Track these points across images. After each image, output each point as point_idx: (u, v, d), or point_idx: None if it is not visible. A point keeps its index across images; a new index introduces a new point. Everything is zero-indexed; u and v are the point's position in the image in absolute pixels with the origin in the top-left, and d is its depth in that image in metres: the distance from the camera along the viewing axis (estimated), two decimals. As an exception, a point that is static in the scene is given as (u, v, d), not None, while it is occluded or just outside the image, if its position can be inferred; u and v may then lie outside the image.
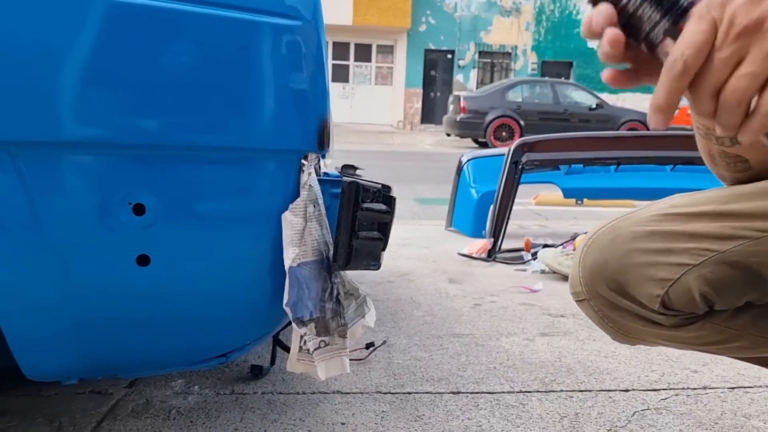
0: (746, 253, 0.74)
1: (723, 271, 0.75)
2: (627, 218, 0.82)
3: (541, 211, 5.06)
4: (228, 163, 0.93)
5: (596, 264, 0.83)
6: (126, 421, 1.23)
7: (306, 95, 0.95)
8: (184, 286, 0.97)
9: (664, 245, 0.77)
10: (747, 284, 0.76)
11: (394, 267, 2.68)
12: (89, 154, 0.88)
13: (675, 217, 0.78)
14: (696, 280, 0.75)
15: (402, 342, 1.74)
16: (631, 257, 0.78)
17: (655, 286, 0.76)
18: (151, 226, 0.90)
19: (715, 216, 0.76)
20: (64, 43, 0.82)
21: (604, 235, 0.82)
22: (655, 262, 0.77)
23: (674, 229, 0.77)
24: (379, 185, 1.01)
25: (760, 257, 0.74)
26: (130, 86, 0.86)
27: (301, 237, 0.96)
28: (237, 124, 0.91)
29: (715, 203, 0.77)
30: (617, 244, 0.80)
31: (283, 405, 1.33)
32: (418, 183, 6.90)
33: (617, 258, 0.79)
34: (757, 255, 0.74)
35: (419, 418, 1.28)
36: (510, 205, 3.03)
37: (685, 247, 0.76)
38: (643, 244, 0.78)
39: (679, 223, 0.78)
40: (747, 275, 0.76)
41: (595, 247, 0.83)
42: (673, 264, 0.76)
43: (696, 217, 0.77)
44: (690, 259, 0.75)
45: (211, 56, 0.89)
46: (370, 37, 19.68)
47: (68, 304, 0.93)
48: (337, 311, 1.02)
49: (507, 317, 2.03)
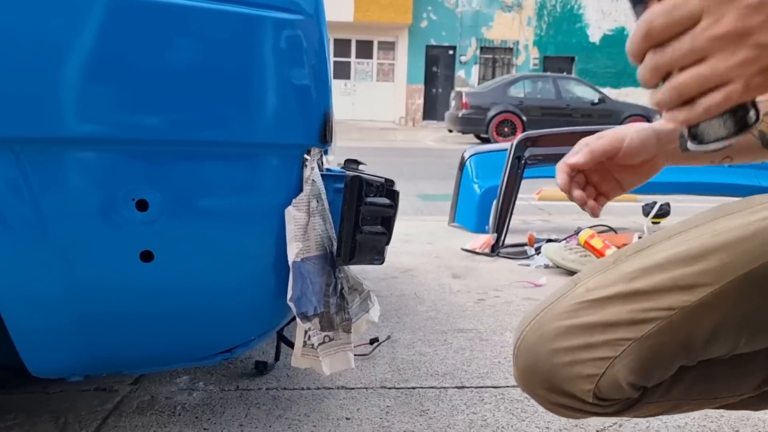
0: (661, 333, 0.75)
1: (644, 354, 0.76)
2: (550, 310, 0.83)
3: (544, 206, 5.05)
4: (230, 158, 0.93)
5: (528, 366, 0.85)
6: (131, 418, 1.23)
7: (308, 89, 0.95)
8: (188, 282, 0.97)
9: (584, 340, 0.78)
10: (672, 357, 0.77)
11: (397, 263, 2.68)
12: (92, 150, 0.88)
13: (589, 306, 0.79)
14: (621, 371, 0.76)
15: (406, 337, 1.74)
16: (557, 357, 0.80)
17: (585, 382, 0.78)
18: (154, 222, 0.90)
19: (624, 298, 0.77)
20: (66, 39, 0.82)
21: (531, 333, 0.84)
22: (580, 360, 0.78)
23: (590, 320, 0.78)
24: (383, 179, 1.01)
25: (676, 333, 0.75)
26: (132, 82, 0.85)
27: (305, 232, 0.96)
28: (239, 119, 0.91)
29: (623, 282, 0.78)
30: (543, 343, 0.81)
31: (287, 400, 1.33)
32: (420, 179, 6.90)
33: (545, 359, 0.81)
34: (673, 332, 0.75)
35: (424, 413, 1.28)
36: (513, 200, 3.03)
37: (603, 339, 0.77)
38: (565, 342, 0.79)
39: (593, 312, 0.78)
40: (669, 350, 0.76)
41: (524, 348, 0.84)
42: (595, 359, 0.77)
43: (607, 302, 0.78)
44: (610, 352, 0.76)
45: (214, 51, 0.89)
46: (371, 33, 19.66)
47: (72, 301, 0.93)
48: (342, 306, 1.02)
49: (511, 312, 2.03)
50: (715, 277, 0.74)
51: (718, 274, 0.73)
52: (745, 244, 0.73)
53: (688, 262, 0.75)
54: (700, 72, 0.51)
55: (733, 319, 0.75)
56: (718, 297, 0.74)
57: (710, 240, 0.76)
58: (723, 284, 0.73)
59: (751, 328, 0.77)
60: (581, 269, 0.91)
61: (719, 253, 0.74)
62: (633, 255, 0.82)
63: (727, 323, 0.75)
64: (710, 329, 0.75)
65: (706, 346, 0.77)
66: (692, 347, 0.76)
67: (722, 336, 0.76)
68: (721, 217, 0.79)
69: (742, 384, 0.86)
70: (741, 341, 0.77)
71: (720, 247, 0.74)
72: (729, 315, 0.75)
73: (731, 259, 0.73)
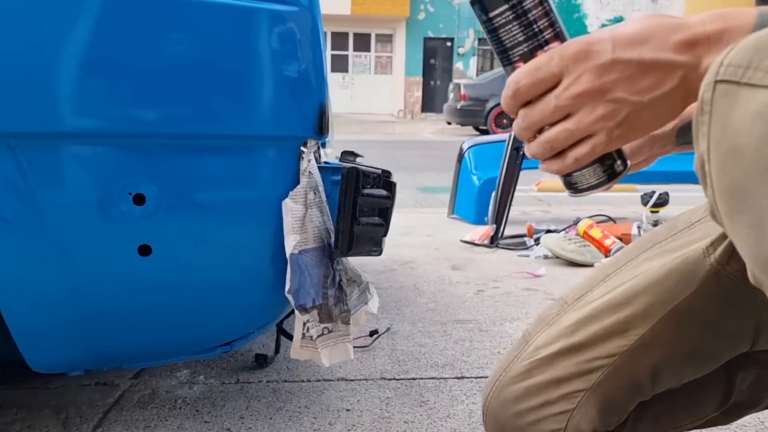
0: (609, 378, 0.81)
1: (599, 401, 0.81)
2: (506, 374, 0.88)
3: (543, 197, 5.06)
4: (227, 150, 0.93)
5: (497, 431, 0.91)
6: (132, 412, 1.24)
7: (304, 81, 0.95)
8: (186, 276, 0.97)
9: (542, 399, 0.83)
10: (625, 398, 0.82)
11: (396, 255, 2.68)
12: (88, 144, 0.88)
13: (540, 364, 0.84)
14: (582, 420, 0.81)
15: (406, 329, 1.75)
16: (522, 419, 0.85)
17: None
18: (151, 216, 0.90)
19: (569, 352, 0.83)
20: (61, 33, 0.82)
21: (493, 400, 0.89)
22: (542, 417, 0.83)
23: (544, 379, 0.84)
24: (379, 171, 1.01)
25: (623, 376, 0.80)
26: (128, 76, 0.85)
27: (302, 224, 0.96)
28: (235, 111, 0.91)
29: (565, 337, 0.83)
30: (506, 408, 0.87)
31: (288, 393, 1.33)
32: (419, 171, 6.90)
33: (511, 423, 0.86)
34: (620, 375, 0.80)
35: (424, 404, 1.29)
36: (512, 191, 3.03)
37: (558, 395, 0.82)
38: (525, 404, 0.84)
39: (544, 370, 0.84)
40: (623, 392, 0.82)
41: (490, 416, 0.90)
42: (556, 414, 0.82)
43: (555, 359, 0.83)
44: (568, 405, 0.81)
45: (208, 44, 0.88)
46: (368, 26, 19.60)
47: (71, 296, 0.93)
48: (340, 298, 1.02)
49: (510, 302, 2.03)
50: (643, 319, 0.80)
51: (645, 316, 0.80)
52: (663, 284, 0.79)
53: (617, 309, 0.81)
54: (566, 127, 0.57)
55: (672, 353, 0.81)
56: (651, 336, 0.79)
57: (632, 285, 0.82)
58: (653, 324, 0.79)
59: (692, 357, 0.82)
60: (580, 259, 0.94)
61: (643, 297, 0.80)
62: (572, 304, 0.88)
63: (667, 358, 0.81)
64: (652, 367, 0.81)
65: (655, 382, 0.82)
66: (641, 386, 0.82)
67: (666, 370, 0.82)
68: (646, 251, 0.86)
69: (703, 407, 0.92)
70: (686, 371, 0.83)
71: (642, 290, 0.80)
72: (666, 350, 0.80)
73: (654, 300, 0.79)
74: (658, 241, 0.87)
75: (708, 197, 0.53)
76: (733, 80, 0.48)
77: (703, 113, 0.51)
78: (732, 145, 0.48)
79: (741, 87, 0.48)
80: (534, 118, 0.59)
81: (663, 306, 0.79)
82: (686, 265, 0.79)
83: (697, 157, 0.53)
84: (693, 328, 0.80)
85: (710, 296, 0.78)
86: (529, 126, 0.59)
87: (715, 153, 0.50)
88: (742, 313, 0.79)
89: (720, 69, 0.50)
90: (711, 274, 0.78)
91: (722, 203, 0.50)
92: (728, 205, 0.49)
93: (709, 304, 0.79)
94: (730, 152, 0.48)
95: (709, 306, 0.79)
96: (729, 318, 0.80)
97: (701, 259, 0.79)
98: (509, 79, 0.59)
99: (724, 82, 0.49)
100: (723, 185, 0.49)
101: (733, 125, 0.48)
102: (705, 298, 0.78)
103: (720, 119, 0.49)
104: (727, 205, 0.49)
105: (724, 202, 0.49)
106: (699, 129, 0.52)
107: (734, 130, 0.48)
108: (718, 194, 0.50)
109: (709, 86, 0.51)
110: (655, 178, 3.33)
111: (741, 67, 0.48)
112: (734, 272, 0.77)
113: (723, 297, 0.78)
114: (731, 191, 0.48)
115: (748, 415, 0.98)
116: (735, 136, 0.47)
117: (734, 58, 0.49)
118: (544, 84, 0.57)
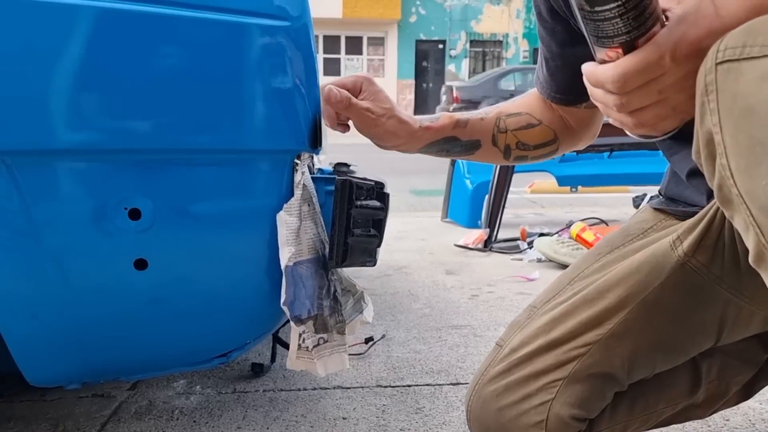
0: (585, 366, 0.85)
1: (577, 389, 0.85)
2: (484, 376, 0.93)
3: (536, 200, 5.08)
4: (221, 165, 0.94)
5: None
6: (129, 423, 1.24)
7: (297, 95, 0.96)
8: (183, 288, 0.98)
9: (522, 393, 0.87)
10: (601, 386, 0.87)
11: (391, 260, 2.69)
12: (83, 161, 0.88)
13: (519, 362, 0.89)
14: (562, 409, 0.85)
15: (401, 335, 1.76)
16: (504, 415, 0.89)
17: (535, 429, 0.86)
18: (147, 230, 0.91)
19: (547, 348, 0.87)
20: (54, 52, 0.83)
21: (475, 402, 0.93)
22: (524, 410, 0.87)
23: (523, 374, 0.88)
24: (373, 182, 1.02)
25: (598, 364, 0.85)
26: (121, 93, 0.86)
27: (297, 236, 0.97)
28: (229, 126, 0.92)
29: (542, 335, 0.88)
30: (488, 407, 0.91)
31: (284, 402, 1.34)
32: (413, 175, 6.91)
33: (494, 420, 0.90)
34: (595, 364, 0.85)
35: (420, 411, 1.30)
36: (505, 195, 3.04)
37: (538, 386, 0.86)
38: (506, 400, 0.88)
39: (523, 367, 0.88)
40: (599, 380, 0.86)
41: (474, 419, 0.94)
42: (536, 406, 0.86)
43: (534, 355, 0.88)
44: (547, 396, 0.86)
45: (200, 60, 0.89)
46: (360, 29, 19.63)
47: (68, 310, 0.94)
48: (335, 308, 1.03)
49: (504, 307, 2.04)
50: (616, 309, 0.84)
51: (618, 308, 0.84)
52: (634, 276, 0.84)
53: (592, 304, 0.86)
54: (662, 112, 0.63)
55: (643, 344, 0.86)
56: (624, 327, 0.84)
57: (605, 280, 0.87)
58: (625, 314, 0.84)
59: (662, 348, 0.87)
60: (573, 262, 0.99)
61: (615, 290, 0.85)
62: (541, 307, 0.93)
63: (639, 349, 0.86)
64: (627, 355, 0.85)
65: (629, 371, 0.87)
66: (616, 375, 0.86)
67: (639, 361, 0.86)
68: (605, 255, 0.91)
69: (673, 392, 0.96)
70: (657, 362, 0.88)
71: (614, 284, 0.85)
72: (638, 341, 0.85)
73: (627, 293, 0.84)
74: (615, 246, 0.92)
75: (718, 169, 0.55)
76: (733, 58, 0.52)
77: (709, 92, 0.55)
78: (744, 106, 0.51)
79: (741, 62, 0.52)
80: (633, 106, 0.62)
81: (634, 297, 0.84)
82: (655, 258, 0.84)
83: (703, 135, 0.57)
84: (661, 319, 0.84)
85: (677, 287, 0.82)
86: (626, 108, 0.62)
87: (728, 119, 0.53)
88: (706, 307, 0.84)
89: (718, 54, 0.54)
90: (678, 265, 0.82)
91: (741, 161, 0.52)
92: (747, 161, 0.52)
93: (675, 296, 0.83)
94: (743, 113, 0.51)
95: (675, 297, 0.83)
96: (694, 311, 0.84)
97: (669, 251, 0.83)
98: (612, 70, 0.60)
99: (725, 62, 0.53)
100: (741, 144, 0.52)
101: (742, 91, 0.52)
102: (672, 289, 0.83)
103: (728, 91, 0.53)
104: (745, 161, 0.52)
105: (743, 159, 0.52)
106: (705, 108, 0.56)
107: (744, 94, 0.51)
108: (733, 156, 0.53)
109: (710, 69, 0.55)
110: (646, 181, 3.35)
111: (738, 47, 0.52)
112: (699, 265, 0.81)
113: (688, 289, 0.82)
114: (750, 147, 0.51)
115: (723, 408, 1.03)
116: (746, 99, 0.51)
117: (729, 42, 0.53)
118: (650, 78, 0.59)
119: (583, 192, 4.46)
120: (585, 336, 0.85)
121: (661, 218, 0.92)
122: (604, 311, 0.85)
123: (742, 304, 0.81)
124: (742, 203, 0.53)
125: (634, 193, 3.78)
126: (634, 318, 0.84)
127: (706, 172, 0.58)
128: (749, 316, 0.83)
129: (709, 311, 0.83)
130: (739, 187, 0.53)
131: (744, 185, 0.53)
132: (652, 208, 0.95)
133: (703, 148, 0.57)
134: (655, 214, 0.93)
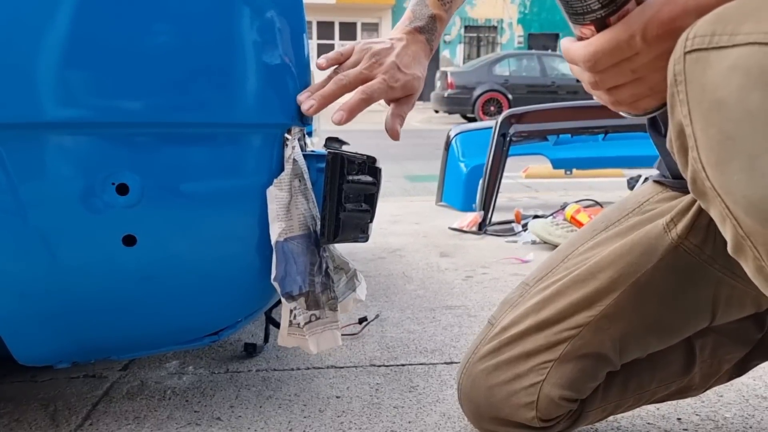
0: (576, 348, 0.85)
1: (568, 370, 0.85)
2: (475, 354, 0.92)
3: (531, 184, 5.08)
4: (210, 139, 0.92)
5: (473, 411, 0.94)
6: (121, 403, 1.24)
7: (287, 68, 0.94)
8: (172, 265, 0.97)
9: (512, 372, 0.87)
10: (593, 367, 0.86)
11: (385, 243, 2.69)
12: (70, 135, 0.87)
13: (509, 342, 0.89)
14: (552, 390, 0.85)
15: (395, 316, 1.75)
16: (494, 394, 0.89)
17: (526, 409, 0.86)
18: (135, 206, 0.90)
19: (537, 328, 0.87)
20: (39, 22, 0.81)
21: (465, 380, 0.93)
22: (514, 391, 0.87)
23: (513, 354, 0.88)
24: (364, 157, 1.01)
25: (589, 345, 0.85)
26: (108, 65, 0.84)
27: (287, 211, 0.96)
28: (218, 99, 0.90)
29: (533, 315, 0.88)
30: (478, 385, 0.91)
31: (277, 381, 1.33)
32: (407, 160, 6.90)
33: (485, 399, 0.90)
34: (586, 345, 0.85)
35: (413, 389, 1.29)
36: (499, 178, 3.03)
37: (528, 367, 0.86)
38: (496, 379, 0.88)
39: (513, 346, 0.88)
40: (590, 361, 0.86)
41: (464, 396, 0.94)
42: (527, 387, 0.86)
43: (524, 335, 0.88)
44: (537, 377, 0.86)
45: (189, 31, 0.87)
46: (354, 15, 19.51)
47: (56, 288, 0.93)
48: (327, 285, 1.02)
49: (499, 288, 2.04)
50: (607, 292, 0.84)
51: (609, 289, 0.84)
52: (626, 258, 0.83)
53: (583, 284, 0.85)
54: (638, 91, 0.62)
55: (635, 325, 0.85)
56: (615, 308, 0.84)
57: (597, 261, 0.86)
58: (617, 295, 0.83)
59: (654, 329, 0.86)
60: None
61: (607, 271, 0.84)
62: (534, 285, 0.92)
63: (631, 330, 0.85)
64: (618, 337, 0.85)
65: (622, 352, 0.86)
66: (608, 356, 0.86)
67: (631, 342, 0.86)
68: (600, 232, 0.90)
69: (668, 373, 0.96)
70: (650, 343, 0.88)
71: (606, 265, 0.85)
72: (629, 322, 0.85)
73: (618, 274, 0.83)
74: (611, 221, 0.92)
75: (690, 162, 0.54)
76: (702, 47, 0.51)
77: (677, 83, 0.53)
78: (713, 99, 0.49)
79: (710, 51, 0.50)
80: (607, 84, 0.61)
81: (626, 279, 0.83)
82: (648, 240, 0.83)
83: (674, 126, 0.55)
84: (653, 300, 0.84)
85: (669, 269, 0.82)
86: (600, 86, 0.62)
87: (698, 111, 0.51)
88: (699, 288, 0.84)
89: (687, 42, 0.52)
90: (671, 247, 0.81)
91: (711, 155, 0.51)
92: (717, 156, 0.50)
93: (668, 277, 0.83)
94: (713, 106, 0.50)
95: (668, 279, 0.83)
96: (687, 292, 0.84)
97: (662, 234, 0.82)
98: (584, 49, 0.60)
99: (693, 52, 0.51)
100: (711, 138, 0.51)
101: (711, 83, 0.50)
102: (664, 270, 0.82)
103: (696, 82, 0.51)
104: (716, 156, 0.50)
105: (713, 154, 0.51)
106: (675, 99, 0.54)
107: (713, 86, 0.49)
108: (704, 150, 0.52)
109: (679, 59, 0.53)
110: (640, 163, 3.35)
111: (707, 36, 0.50)
112: (693, 247, 0.81)
113: (681, 271, 0.82)
114: (720, 142, 0.50)
115: (716, 385, 1.04)
116: (715, 91, 0.49)
117: (698, 30, 0.52)
118: (622, 58, 0.59)
119: (578, 176, 4.45)
120: (576, 317, 0.85)
121: (659, 190, 0.91)
122: (595, 292, 0.85)
123: (735, 284, 0.81)
124: (716, 197, 0.52)
125: (628, 176, 3.78)
126: (625, 299, 0.83)
127: (680, 163, 0.56)
128: (742, 295, 0.83)
129: (702, 292, 0.83)
130: (712, 182, 0.52)
131: (717, 180, 0.51)
132: (652, 182, 0.94)
133: (675, 139, 0.55)
134: (654, 187, 0.92)
